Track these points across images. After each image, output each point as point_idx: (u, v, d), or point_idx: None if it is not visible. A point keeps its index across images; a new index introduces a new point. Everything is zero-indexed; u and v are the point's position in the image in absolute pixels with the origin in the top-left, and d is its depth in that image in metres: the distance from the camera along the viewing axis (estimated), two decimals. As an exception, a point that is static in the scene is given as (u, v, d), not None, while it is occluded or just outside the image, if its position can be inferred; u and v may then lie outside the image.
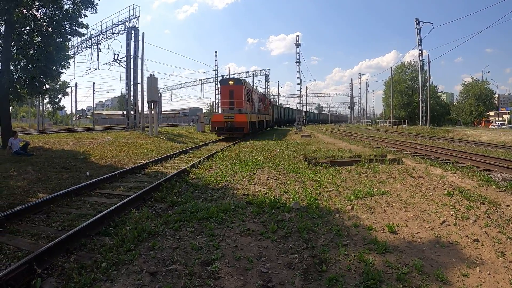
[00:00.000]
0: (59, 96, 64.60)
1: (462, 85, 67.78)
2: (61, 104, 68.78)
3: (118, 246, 4.02)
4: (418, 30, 40.43)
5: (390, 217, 5.16)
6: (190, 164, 9.24)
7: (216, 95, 46.22)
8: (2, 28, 14.24)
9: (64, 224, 5.05)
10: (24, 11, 14.28)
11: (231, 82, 24.11)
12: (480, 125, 60.98)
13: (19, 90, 14.74)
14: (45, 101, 50.60)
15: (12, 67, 14.46)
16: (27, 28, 14.71)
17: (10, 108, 16.48)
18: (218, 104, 25.15)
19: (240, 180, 7.83)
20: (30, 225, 5.11)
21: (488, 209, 5.30)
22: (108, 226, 4.78)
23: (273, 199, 5.93)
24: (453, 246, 4.10)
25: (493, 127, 55.70)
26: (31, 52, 14.74)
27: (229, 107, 23.21)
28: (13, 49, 14.46)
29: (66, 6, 14.91)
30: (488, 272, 3.48)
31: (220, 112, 24.56)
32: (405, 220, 4.99)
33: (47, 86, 16.57)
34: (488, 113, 66.58)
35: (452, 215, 5.11)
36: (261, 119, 30.49)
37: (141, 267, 3.52)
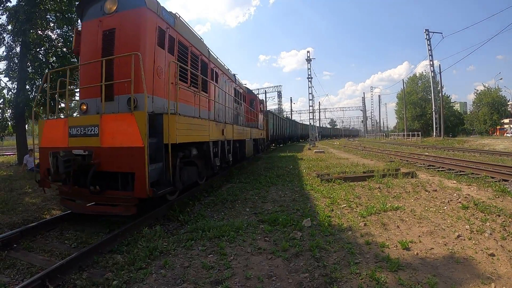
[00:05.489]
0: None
1: (475, 94, 66.90)
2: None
3: (130, 264, 4.04)
4: (428, 41, 40.30)
5: (404, 233, 5.07)
6: (202, 182, 9.24)
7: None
8: (18, 49, 14.75)
9: (77, 242, 5.12)
10: (39, 32, 14.78)
11: (111, 7, 6.19)
12: (495, 134, 59.75)
13: (34, 109, 15.10)
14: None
15: (28, 87, 14.90)
16: (42, 48, 15.19)
17: (26, 126, 16.84)
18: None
19: (253, 198, 7.82)
20: (43, 241, 5.20)
21: (504, 221, 5.19)
22: (121, 244, 4.82)
23: (285, 217, 5.86)
24: (468, 262, 4.00)
25: (508, 134, 54.35)
26: (46, 72, 15.16)
27: (105, 92, 5.76)
28: (28, 69, 14.93)
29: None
30: (504, 289, 3.37)
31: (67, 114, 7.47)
32: (419, 236, 4.90)
33: (62, 105, 16.94)
34: (502, 121, 65.21)
35: (467, 229, 5.01)
36: (240, 136, 12.61)
37: (151, 286, 3.53)
